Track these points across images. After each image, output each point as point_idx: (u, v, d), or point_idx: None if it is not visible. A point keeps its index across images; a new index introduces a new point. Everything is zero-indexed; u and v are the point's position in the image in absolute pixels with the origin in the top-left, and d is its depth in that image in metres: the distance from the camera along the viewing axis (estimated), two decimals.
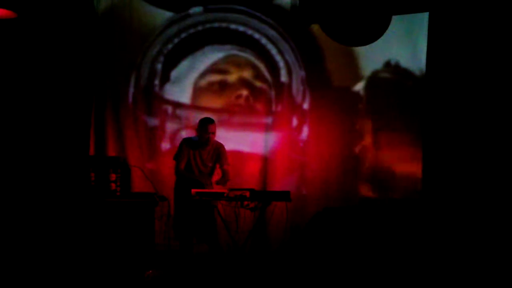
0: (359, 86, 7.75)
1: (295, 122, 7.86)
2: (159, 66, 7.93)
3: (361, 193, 7.67)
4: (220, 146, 6.89)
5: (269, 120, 7.87)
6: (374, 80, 7.68)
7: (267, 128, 7.85)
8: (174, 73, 7.93)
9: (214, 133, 6.73)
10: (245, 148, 7.77)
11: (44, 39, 7.11)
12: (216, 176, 6.93)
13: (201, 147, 6.76)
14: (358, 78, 7.73)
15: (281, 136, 7.83)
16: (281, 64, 7.92)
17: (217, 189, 6.63)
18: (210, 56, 7.95)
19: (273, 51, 7.92)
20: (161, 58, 7.93)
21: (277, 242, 7.47)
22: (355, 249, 6.36)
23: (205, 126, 6.69)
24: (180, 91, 7.93)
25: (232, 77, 7.94)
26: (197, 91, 7.97)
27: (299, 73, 7.88)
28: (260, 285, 6.20)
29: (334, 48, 7.55)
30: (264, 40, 7.91)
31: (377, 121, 7.72)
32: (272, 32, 7.89)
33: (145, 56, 7.92)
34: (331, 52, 7.73)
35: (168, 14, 7.93)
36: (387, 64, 7.64)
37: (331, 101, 7.77)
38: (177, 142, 7.55)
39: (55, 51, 7.19)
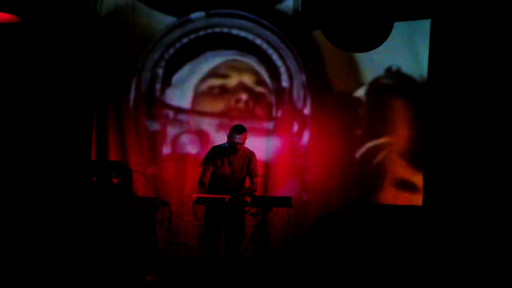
0: (361, 92, 7.75)
1: (296, 127, 7.87)
2: (160, 71, 7.95)
3: (363, 199, 7.66)
4: (251, 155, 6.84)
5: (270, 125, 7.89)
6: (375, 86, 7.69)
7: (268, 133, 7.86)
8: (175, 78, 7.95)
9: (242, 143, 6.66)
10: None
11: (46, 43, 7.11)
12: None
13: (230, 154, 6.75)
14: (359, 84, 7.73)
15: (282, 141, 7.84)
16: (282, 69, 7.93)
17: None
18: (211, 61, 7.97)
19: (274, 56, 7.93)
20: (162, 63, 7.94)
21: (278, 247, 7.47)
22: (357, 255, 6.35)
23: (233, 134, 6.66)
24: (181, 95, 7.94)
25: (232, 82, 7.96)
26: (198, 95, 7.97)
27: (300, 79, 7.89)
28: None
29: (336, 54, 7.56)
30: (265, 46, 7.92)
31: (378, 127, 7.72)
32: (273, 38, 7.90)
33: (146, 60, 7.94)
34: (332, 57, 7.74)
35: (169, 19, 7.95)
36: (389, 70, 7.64)
37: (332, 107, 7.77)
38: (178, 146, 7.61)
39: (57, 56, 7.19)
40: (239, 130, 6.66)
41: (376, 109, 7.70)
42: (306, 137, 7.85)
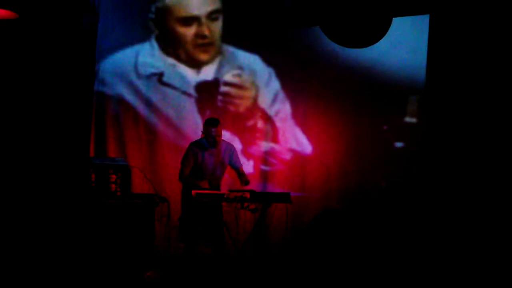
0: (359, 90, 7.74)
1: (294, 124, 7.87)
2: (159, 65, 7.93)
3: (361, 195, 7.67)
4: (231, 146, 6.87)
5: (269, 122, 7.87)
6: (374, 83, 7.69)
7: (267, 130, 7.85)
8: (172, 73, 7.92)
9: (219, 136, 6.66)
10: (246, 149, 7.77)
11: (45, 40, 7.10)
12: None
13: (210, 149, 6.73)
14: (357, 81, 7.72)
15: (281, 138, 7.85)
16: (280, 68, 7.91)
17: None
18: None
19: (271, 55, 7.90)
20: (161, 58, 7.92)
21: (277, 243, 7.48)
22: (355, 250, 6.37)
23: (208, 129, 6.66)
24: (179, 90, 7.92)
25: (230, 81, 7.94)
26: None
27: (298, 77, 7.86)
28: (260, 286, 6.20)
29: (333, 51, 7.54)
30: (262, 44, 7.90)
31: (377, 124, 7.73)
32: (269, 36, 7.87)
33: None
34: (330, 54, 7.71)
35: None
36: (387, 67, 7.64)
37: (330, 104, 7.77)
38: (178, 142, 7.58)
39: (56, 51, 7.18)
40: (214, 123, 6.65)
41: (375, 106, 7.70)
42: (305, 133, 7.86)
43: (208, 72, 7.88)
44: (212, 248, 6.70)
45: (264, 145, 7.85)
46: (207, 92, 7.87)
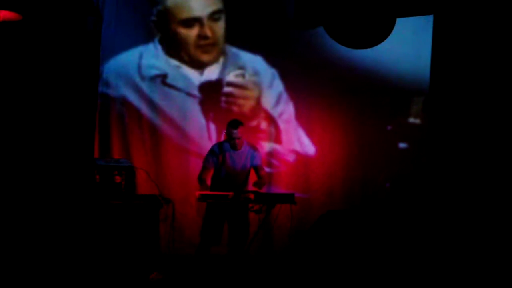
0: (363, 91, 7.74)
1: (298, 125, 7.87)
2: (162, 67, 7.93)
3: (365, 196, 7.67)
4: (254, 149, 6.86)
5: (272, 123, 7.87)
6: (378, 84, 7.69)
7: (271, 131, 7.85)
8: (177, 73, 7.93)
9: (239, 138, 6.65)
10: None
11: (48, 41, 7.10)
12: None
13: (231, 150, 6.73)
14: (361, 82, 7.72)
15: (285, 140, 7.85)
16: (283, 70, 7.91)
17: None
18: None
19: (275, 56, 7.90)
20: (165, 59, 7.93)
21: (281, 244, 7.48)
22: (359, 252, 6.36)
23: (228, 131, 6.67)
24: (184, 90, 7.92)
25: (233, 81, 7.93)
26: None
27: (301, 78, 7.86)
28: (264, 287, 6.20)
29: (337, 52, 7.54)
30: (265, 45, 7.89)
31: (381, 125, 7.73)
32: (273, 37, 7.87)
33: None
34: (333, 55, 7.71)
35: None
36: (391, 67, 7.64)
37: (334, 106, 7.77)
38: (182, 143, 7.59)
39: (60, 53, 7.18)
40: (234, 125, 6.66)
41: (379, 107, 7.70)
42: (309, 135, 7.85)
43: (211, 73, 7.88)
44: (232, 248, 6.69)
45: (268, 146, 7.85)
46: (211, 93, 7.86)
